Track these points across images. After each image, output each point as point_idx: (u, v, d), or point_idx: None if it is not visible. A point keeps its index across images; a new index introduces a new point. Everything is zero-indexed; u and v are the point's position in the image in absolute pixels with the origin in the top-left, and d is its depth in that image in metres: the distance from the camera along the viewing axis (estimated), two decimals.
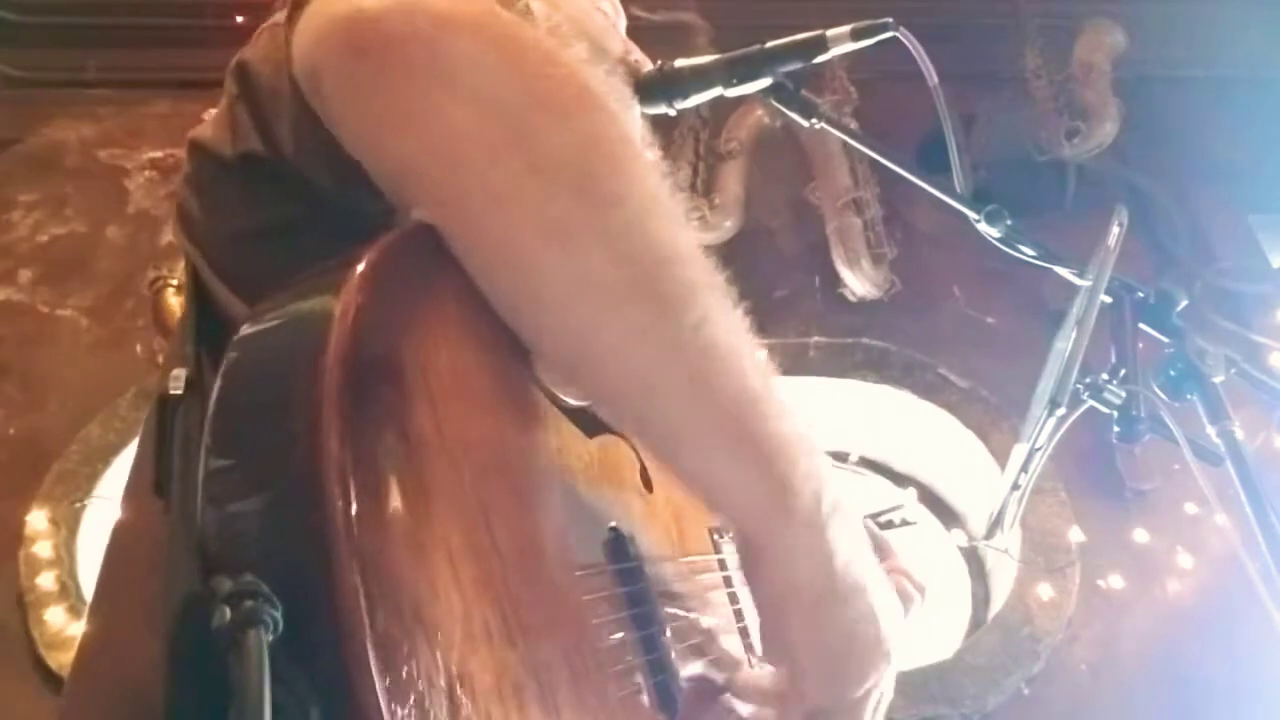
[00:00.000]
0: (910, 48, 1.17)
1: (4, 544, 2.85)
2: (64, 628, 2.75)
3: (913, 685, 2.68)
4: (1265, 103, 3.68)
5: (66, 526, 2.91)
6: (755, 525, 0.70)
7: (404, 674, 0.48)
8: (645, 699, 0.72)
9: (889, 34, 1.16)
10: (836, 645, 0.72)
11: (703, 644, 0.86)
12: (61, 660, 2.68)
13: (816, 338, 3.33)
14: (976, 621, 3.02)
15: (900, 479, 3.43)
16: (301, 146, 0.72)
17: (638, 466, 0.87)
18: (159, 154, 3.75)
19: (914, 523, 1.33)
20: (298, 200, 0.71)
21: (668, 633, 0.76)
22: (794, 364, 3.30)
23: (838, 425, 3.34)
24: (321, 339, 0.53)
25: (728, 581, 1.01)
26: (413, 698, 0.48)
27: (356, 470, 0.50)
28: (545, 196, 0.63)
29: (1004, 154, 3.55)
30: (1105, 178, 3.62)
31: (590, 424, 0.78)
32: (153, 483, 0.70)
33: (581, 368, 0.67)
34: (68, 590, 2.81)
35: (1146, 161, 3.70)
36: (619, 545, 0.76)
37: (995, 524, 1.23)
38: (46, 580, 2.81)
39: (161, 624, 0.56)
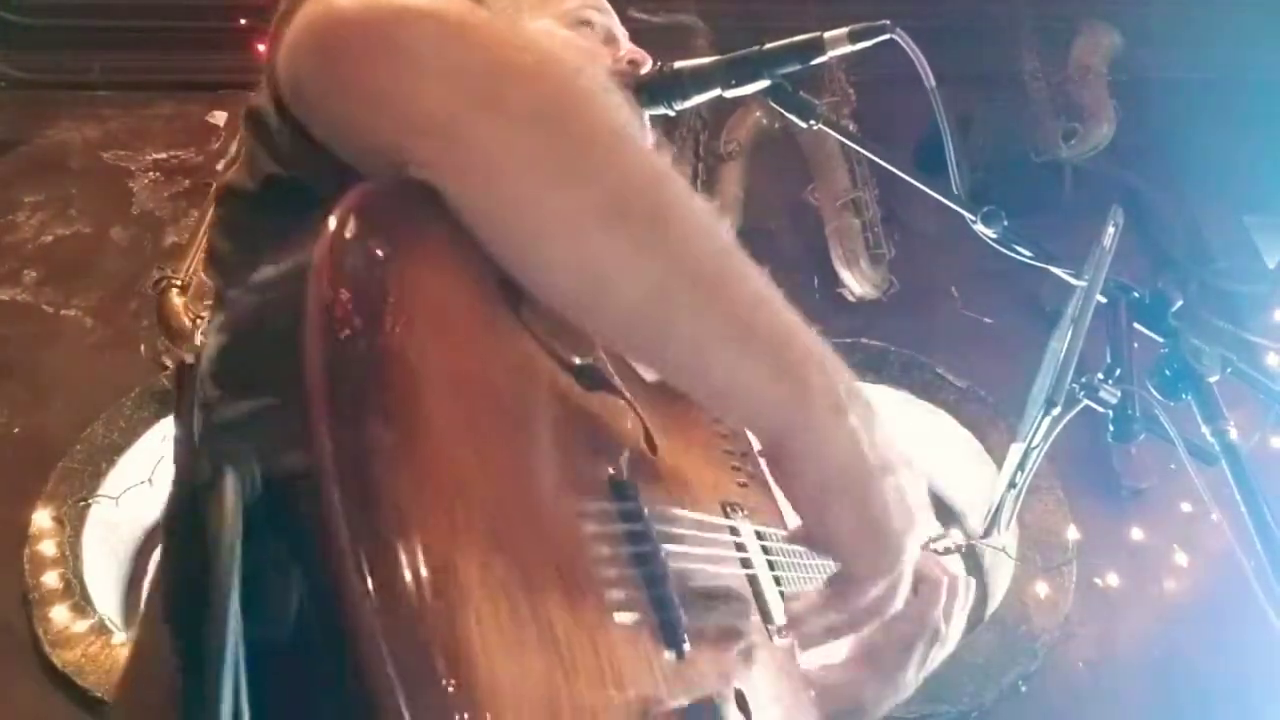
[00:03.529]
0: (907, 50, 1.18)
1: (9, 543, 2.87)
2: (68, 625, 2.76)
3: None
4: (1261, 104, 3.70)
5: (71, 525, 2.92)
6: (781, 422, 0.72)
7: (384, 552, 0.50)
8: (647, 632, 0.70)
9: (886, 36, 1.17)
10: (880, 519, 0.74)
11: (712, 590, 0.85)
12: (65, 658, 2.70)
13: None
14: (974, 619, 3.03)
15: None
16: (298, 160, 0.77)
17: (641, 428, 0.87)
18: (163, 155, 3.77)
19: (955, 550, 1.39)
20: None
21: (670, 574, 0.75)
22: None
23: None
24: (303, 280, 0.56)
25: (740, 548, 0.98)
26: (391, 570, 0.49)
27: (342, 376, 0.53)
28: (525, 144, 0.68)
29: (1001, 155, 3.56)
30: (1102, 179, 3.64)
31: (592, 379, 0.79)
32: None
33: (590, 300, 0.71)
34: (72, 589, 2.82)
35: (1143, 163, 3.71)
36: (620, 488, 0.76)
37: (992, 522, 1.24)
38: (51, 579, 2.83)
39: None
